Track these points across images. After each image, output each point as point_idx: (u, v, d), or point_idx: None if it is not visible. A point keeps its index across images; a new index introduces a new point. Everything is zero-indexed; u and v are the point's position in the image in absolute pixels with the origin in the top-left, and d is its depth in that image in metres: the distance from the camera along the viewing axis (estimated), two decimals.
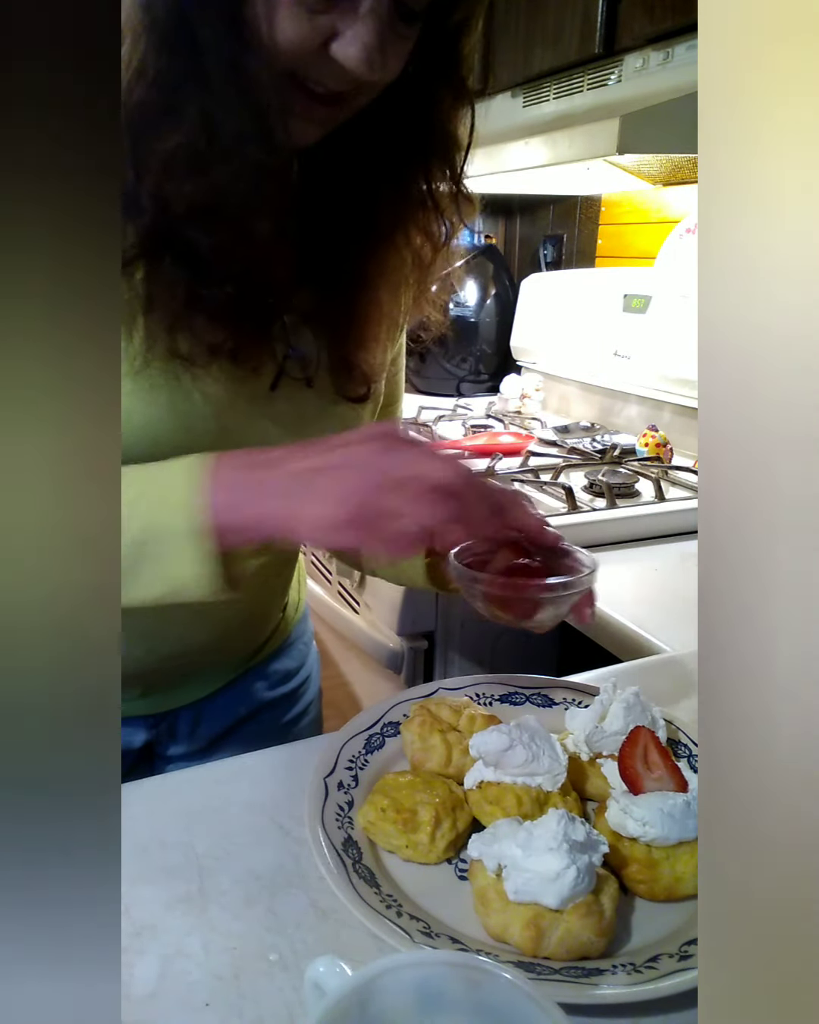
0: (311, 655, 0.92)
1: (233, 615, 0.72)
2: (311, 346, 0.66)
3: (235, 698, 0.81)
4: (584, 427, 1.75)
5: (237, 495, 0.49)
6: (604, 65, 1.38)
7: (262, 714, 0.84)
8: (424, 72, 0.58)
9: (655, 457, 1.45)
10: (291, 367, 0.65)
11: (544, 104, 1.54)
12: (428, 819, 0.52)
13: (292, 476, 0.49)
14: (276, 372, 0.64)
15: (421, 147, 0.62)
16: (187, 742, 0.79)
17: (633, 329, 1.65)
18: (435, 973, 0.35)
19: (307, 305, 0.65)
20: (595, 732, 0.59)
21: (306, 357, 0.65)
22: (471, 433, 1.72)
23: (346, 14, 0.50)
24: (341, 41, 0.50)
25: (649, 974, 0.43)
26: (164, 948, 0.46)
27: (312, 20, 0.50)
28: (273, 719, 0.85)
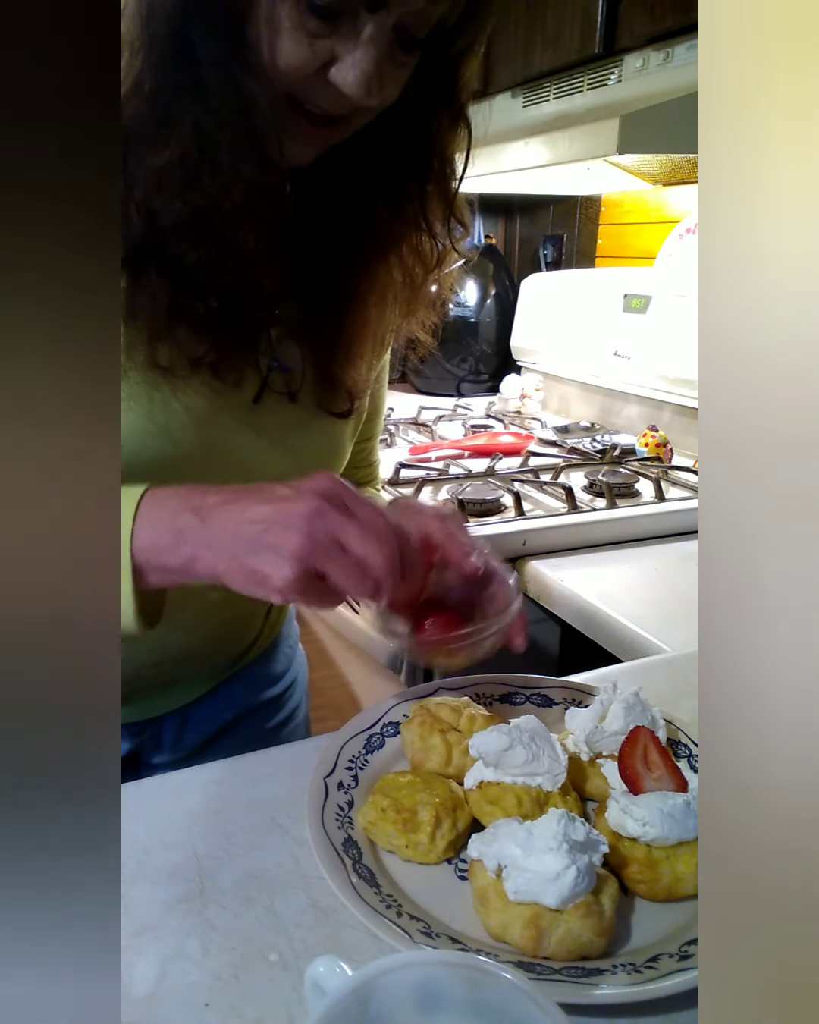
0: (297, 658, 0.92)
1: (212, 621, 0.72)
2: (296, 360, 0.66)
3: (220, 704, 0.81)
4: (584, 427, 1.75)
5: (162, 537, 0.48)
6: (604, 65, 1.38)
7: (248, 719, 0.83)
8: (422, 96, 0.58)
9: (655, 457, 1.45)
10: (275, 381, 0.65)
11: (544, 104, 1.54)
12: (428, 819, 0.52)
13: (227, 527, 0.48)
14: (260, 385, 0.64)
15: (416, 169, 0.63)
16: (172, 750, 0.79)
17: (633, 329, 1.65)
18: (435, 973, 0.35)
19: (294, 319, 0.65)
20: (595, 732, 0.59)
21: (291, 371, 0.66)
22: (471, 433, 1.72)
23: (347, 40, 0.50)
24: (340, 66, 0.51)
25: (649, 974, 0.43)
26: (164, 948, 0.46)
27: (312, 44, 0.50)
28: (259, 723, 0.85)
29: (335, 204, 0.64)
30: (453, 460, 1.48)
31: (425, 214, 0.64)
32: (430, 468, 1.40)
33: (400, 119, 0.59)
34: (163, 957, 0.45)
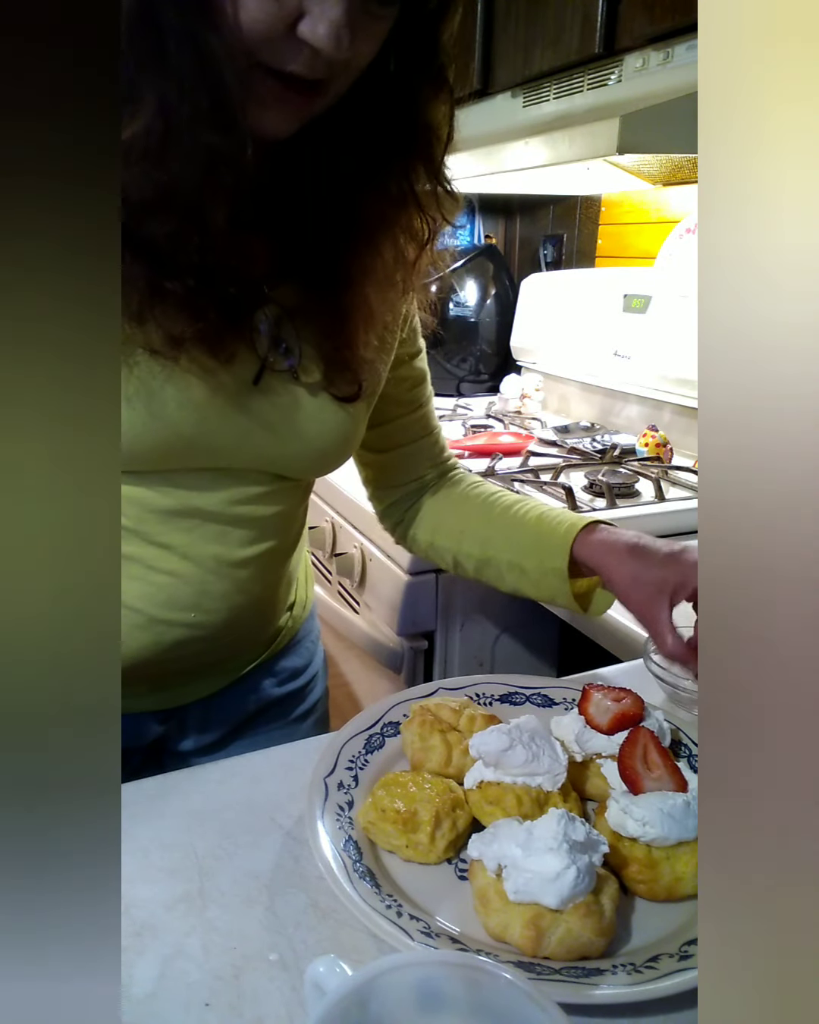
0: (318, 654, 0.92)
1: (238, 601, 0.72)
2: (294, 341, 0.65)
3: (243, 694, 0.81)
4: (584, 427, 1.75)
5: None
6: (604, 65, 1.38)
7: (270, 711, 0.84)
8: (401, 61, 0.57)
9: (655, 457, 1.45)
10: (275, 360, 0.64)
11: (544, 104, 1.54)
12: (428, 819, 0.52)
13: None
14: (258, 367, 0.63)
15: (399, 139, 0.61)
16: (197, 737, 0.79)
17: (633, 329, 1.65)
18: (435, 973, 0.35)
19: (291, 300, 0.64)
20: (584, 732, 0.59)
21: (289, 350, 0.65)
22: (471, 433, 1.72)
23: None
24: (309, 19, 0.49)
25: (649, 974, 0.43)
26: (164, 948, 0.46)
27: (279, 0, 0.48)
28: (281, 716, 0.85)
29: (321, 182, 0.62)
30: None
31: (412, 186, 0.63)
32: None
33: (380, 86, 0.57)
34: (163, 957, 0.45)
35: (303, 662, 0.88)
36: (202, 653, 0.73)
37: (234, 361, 0.61)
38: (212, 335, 0.58)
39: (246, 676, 0.81)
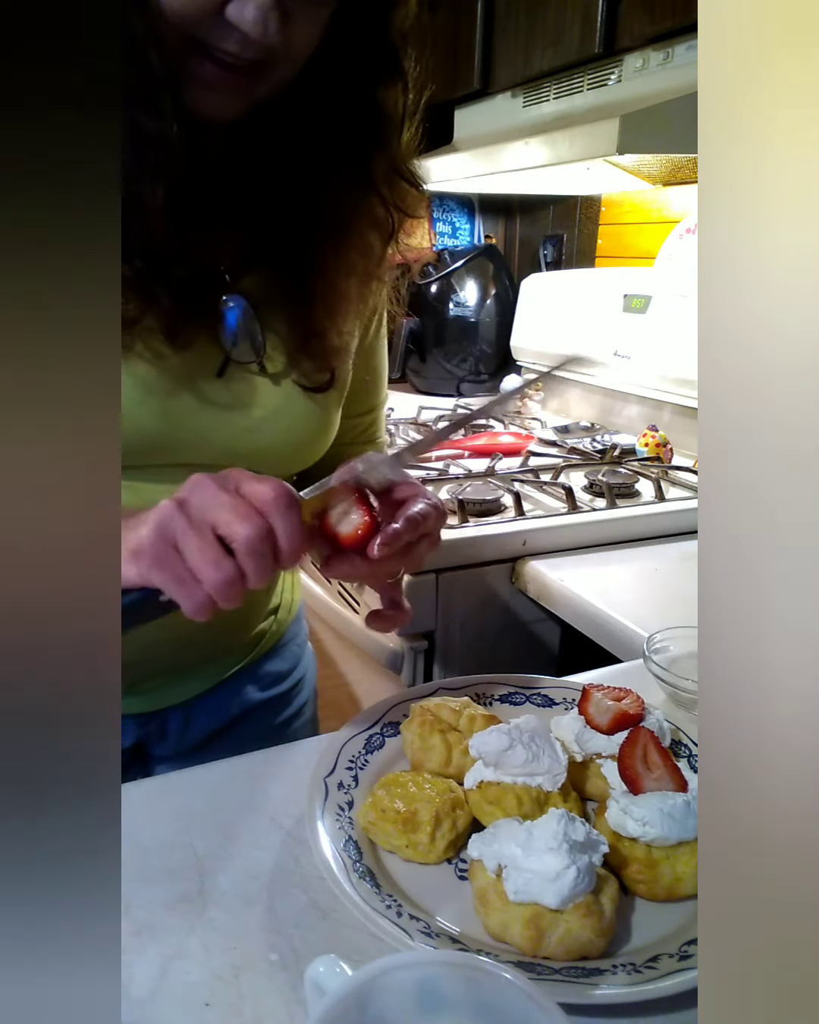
0: (306, 657, 0.92)
1: None
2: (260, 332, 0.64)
3: (226, 699, 0.81)
4: (584, 427, 1.75)
5: None
6: (604, 65, 1.38)
7: (254, 715, 0.83)
8: (350, 45, 0.56)
9: (655, 457, 1.45)
10: (241, 351, 0.63)
11: (544, 104, 1.54)
12: (428, 819, 0.52)
13: None
14: (222, 359, 0.63)
15: (352, 125, 0.60)
16: (177, 742, 0.79)
17: (633, 329, 1.65)
18: (435, 973, 0.35)
19: (259, 290, 0.64)
20: (584, 732, 0.59)
21: (254, 341, 0.64)
22: (471, 433, 1.72)
23: None
24: (236, 2, 0.49)
25: (649, 974, 0.43)
26: (164, 948, 0.46)
27: None
28: (265, 720, 0.85)
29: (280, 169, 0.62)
30: (453, 460, 1.48)
31: (371, 175, 0.62)
32: (430, 468, 1.40)
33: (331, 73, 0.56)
34: (163, 957, 0.45)
35: (288, 666, 0.87)
36: (177, 654, 0.72)
37: (195, 351, 0.60)
38: (165, 319, 0.57)
39: (228, 680, 0.80)
